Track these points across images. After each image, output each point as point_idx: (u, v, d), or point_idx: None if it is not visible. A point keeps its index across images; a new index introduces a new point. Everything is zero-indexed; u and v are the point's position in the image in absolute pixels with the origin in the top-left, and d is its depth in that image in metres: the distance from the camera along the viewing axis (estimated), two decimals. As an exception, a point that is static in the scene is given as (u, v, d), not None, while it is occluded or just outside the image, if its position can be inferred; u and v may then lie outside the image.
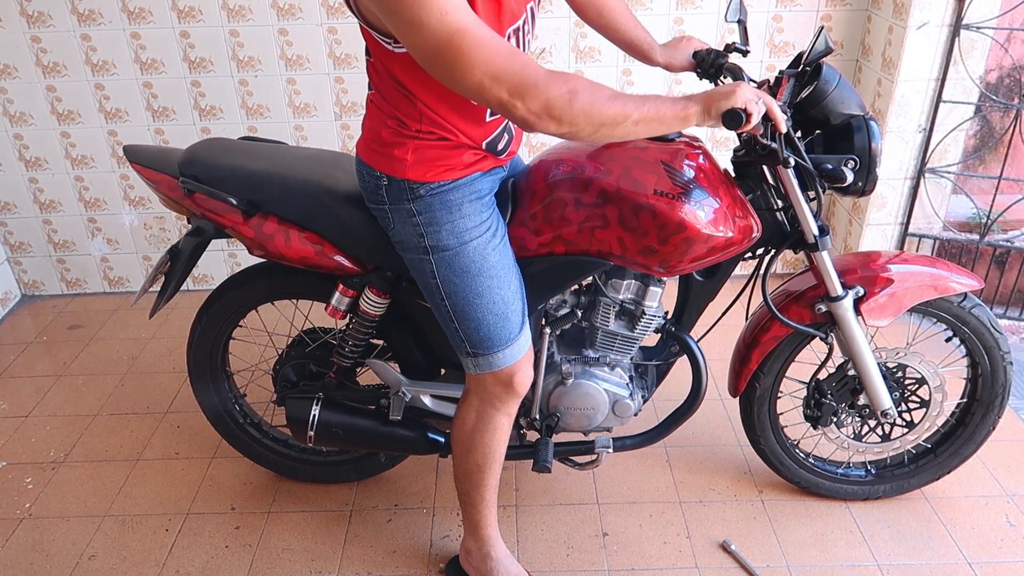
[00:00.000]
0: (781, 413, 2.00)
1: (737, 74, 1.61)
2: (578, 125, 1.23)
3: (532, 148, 3.04)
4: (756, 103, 1.31)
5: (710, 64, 1.72)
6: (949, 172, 2.79)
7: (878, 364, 1.82)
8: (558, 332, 1.83)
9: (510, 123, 1.53)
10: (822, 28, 1.52)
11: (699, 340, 1.86)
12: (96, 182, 3.04)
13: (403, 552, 1.98)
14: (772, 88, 1.57)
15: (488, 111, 1.43)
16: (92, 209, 3.10)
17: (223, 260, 3.23)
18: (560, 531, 2.02)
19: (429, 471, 2.23)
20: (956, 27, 2.54)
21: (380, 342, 1.97)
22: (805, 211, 1.63)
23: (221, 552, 1.99)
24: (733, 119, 1.29)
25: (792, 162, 1.49)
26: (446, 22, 1.14)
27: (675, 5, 2.80)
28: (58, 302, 3.23)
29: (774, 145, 1.46)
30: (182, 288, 1.87)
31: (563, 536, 2.01)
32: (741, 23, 1.72)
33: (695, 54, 1.76)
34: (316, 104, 2.94)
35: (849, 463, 2.07)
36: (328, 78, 2.89)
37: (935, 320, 1.85)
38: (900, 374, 1.91)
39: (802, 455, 2.05)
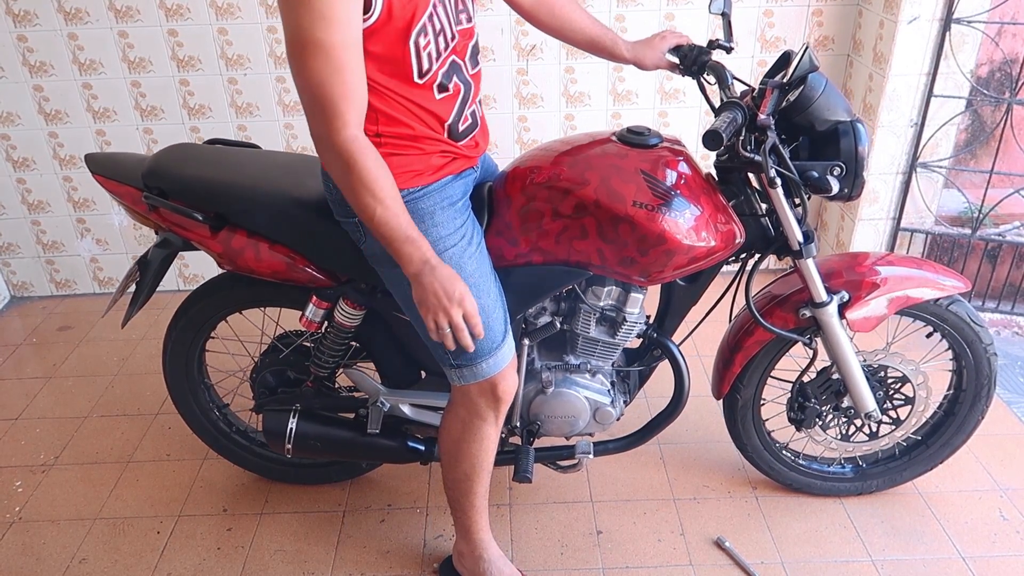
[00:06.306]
0: (767, 419, 1.99)
1: (720, 72, 1.56)
2: (337, 180, 1.32)
3: (524, 145, 3.03)
4: (438, 314, 1.36)
5: (692, 61, 1.66)
6: (941, 167, 2.79)
7: (861, 366, 1.81)
8: (538, 341, 1.80)
9: (467, 101, 1.47)
10: (807, 47, 1.47)
11: (681, 343, 1.84)
12: (85, 182, 3.02)
13: (396, 553, 1.97)
14: (756, 99, 1.52)
15: (436, 86, 1.39)
16: (81, 209, 3.08)
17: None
18: (554, 530, 2.02)
19: (422, 471, 2.22)
20: (947, 21, 2.54)
21: (356, 344, 1.93)
22: (790, 219, 1.60)
23: (213, 554, 1.98)
24: (714, 139, 1.33)
25: (779, 183, 1.48)
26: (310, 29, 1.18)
27: (666, 0, 2.79)
28: (47, 303, 3.21)
29: (758, 159, 1.44)
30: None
31: (557, 535, 2.00)
32: (725, 16, 1.64)
33: (677, 49, 1.70)
34: (306, 102, 2.91)
35: (840, 461, 2.07)
36: (318, 76, 2.86)
37: (914, 318, 1.84)
38: (883, 374, 1.89)
39: (791, 457, 2.05)
